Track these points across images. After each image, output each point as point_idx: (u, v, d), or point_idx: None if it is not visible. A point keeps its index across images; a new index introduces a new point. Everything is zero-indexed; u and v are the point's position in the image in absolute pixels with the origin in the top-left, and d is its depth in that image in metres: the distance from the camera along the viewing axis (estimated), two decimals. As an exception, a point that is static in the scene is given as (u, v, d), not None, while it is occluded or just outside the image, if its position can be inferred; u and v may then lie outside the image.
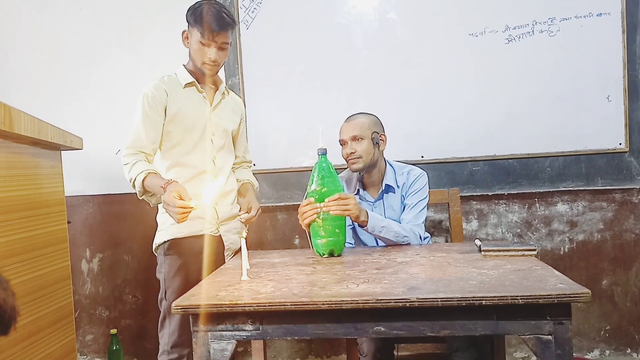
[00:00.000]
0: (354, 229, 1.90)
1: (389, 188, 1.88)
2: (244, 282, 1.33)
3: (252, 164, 2.10)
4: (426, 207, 1.87)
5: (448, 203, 2.12)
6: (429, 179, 1.91)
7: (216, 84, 1.87)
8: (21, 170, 1.59)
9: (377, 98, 2.44)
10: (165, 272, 1.78)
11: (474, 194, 2.43)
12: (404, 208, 1.87)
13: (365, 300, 1.10)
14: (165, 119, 1.76)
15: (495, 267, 1.34)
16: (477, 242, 1.62)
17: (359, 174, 1.86)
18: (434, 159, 2.43)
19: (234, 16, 1.80)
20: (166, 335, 1.76)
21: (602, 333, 2.43)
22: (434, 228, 2.47)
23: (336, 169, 1.67)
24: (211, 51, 1.71)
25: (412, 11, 2.42)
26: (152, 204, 1.76)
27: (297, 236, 2.56)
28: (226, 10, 1.73)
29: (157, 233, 1.82)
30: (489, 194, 2.43)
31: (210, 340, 1.17)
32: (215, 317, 1.17)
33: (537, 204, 2.43)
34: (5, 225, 1.49)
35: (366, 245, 1.90)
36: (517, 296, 1.07)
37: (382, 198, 1.89)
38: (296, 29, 2.49)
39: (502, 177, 2.42)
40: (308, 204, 1.59)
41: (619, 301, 2.42)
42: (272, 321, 1.16)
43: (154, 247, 1.82)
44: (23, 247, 1.56)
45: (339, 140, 1.87)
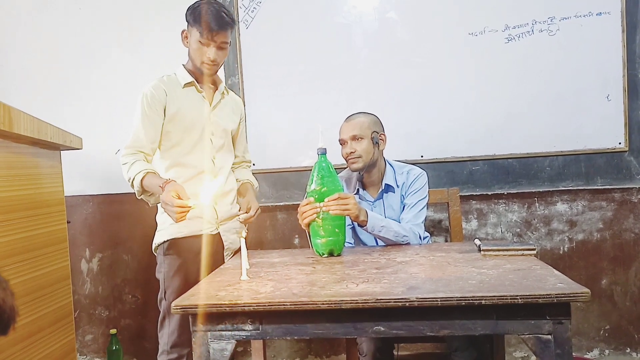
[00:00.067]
0: (354, 229, 1.90)
1: (389, 188, 1.88)
2: (244, 282, 1.33)
3: (252, 164, 2.10)
4: (426, 207, 1.87)
5: (447, 203, 2.13)
6: (429, 179, 1.91)
7: (215, 84, 1.87)
8: (21, 170, 1.59)
9: (377, 98, 2.44)
10: (164, 272, 1.78)
11: (474, 194, 2.43)
12: (404, 208, 1.87)
13: (364, 300, 1.10)
14: (164, 119, 1.75)
15: (494, 267, 1.34)
16: (477, 242, 1.62)
17: (359, 174, 1.86)
18: (434, 159, 2.43)
19: (234, 16, 1.80)
20: (166, 335, 1.76)
21: (602, 332, 2.44)
22: (434, 228, 2.47)
23: (336, 169, 1.67)
24: (210, 51, 1.71)
25: (412, 11, 2.42)
26: (151, 204, 1.76)
27: (297, 236, 2.56)
28: (225, 9, 1.72)
29: (157, 233, 1.82)
30: (489, 194, 2.43)
31: (209, 340, 1.17)
32: (214, 317, 1.16)
33: (537, 204, 2.43)
34: (4, 225, 1.49)
35: (366, 245, 1.90)
36: (517, 296, 1.07)
37: (382, 198, 1.89)
38: (296, 29, 2.49)
39: (502, 177, 2.42)
40: (308, 204, 1.59)
41: (619, 301, 2.42)
42: (272, 321, 1.16)
43: (154, 247, 1.82)
44: (23, 247, 1.56)
45: (339, 139, 1.87)
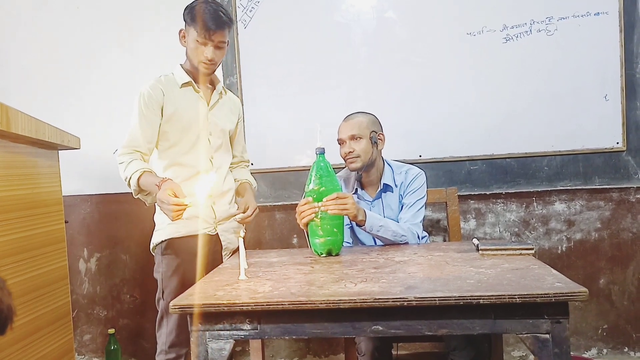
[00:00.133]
0: (352, 228, 1.90)
1: (387, 187, 1.88)
2: (242, 282, 1.32)
3: (250, 164, 2.10)
4: (424, 207, 1.87)
5: (446, 202, 2.13)
6: (427, 178, 1.91)
7: (213, 84, 1.86)
8: (19, 169, 1.59)
9: (376, 97, 2.44)
10: (162, 272, 1.77)
11: (472, 193, 2.44)
12: (402, 207, 1.87)
13: (363, 299, 1.10)
14: (161, 119, 1.75)
15: (492, 266, 1.35)
16: (475, 241, 1.62)
17: (357, 173, 1.86)
18: (432, 158, 2.44)
19: (231, 15, 1.79)
20: (164, 334, 1.75)
21: (600, 332, 2.44)
22: (432, 227, 2.47)
23: (334, 168, 1.67)
24: (208, 50, 1.71)
25: (410, 10, 2.42)
26: (148, 203, 1.75)
27: (295, 235, 2.56)
28: (223, 9, 1.72)
29: (155, 233, 1.82)
30: (487, 193, 2.44)
31: (208, 339, 1.17)
32: (213, 317, 1.16)
33: (535, 203, 2.43)
34: (2, 224, 1.49)
35: (364, 244, 1.90)
36: (515, 295, 1.08)
37: (380, 197, 1.89)
38: (294, 28, 2.48)
39: (500, 177, 2.42)
40: (306, 204, 1.59)
41: (617, 300, 2.42)
42: (270, 320, 1.16)
43: (152, 247, 1.82)
44: (20, 247, 1.56)
45: (337, 139, 1.87)
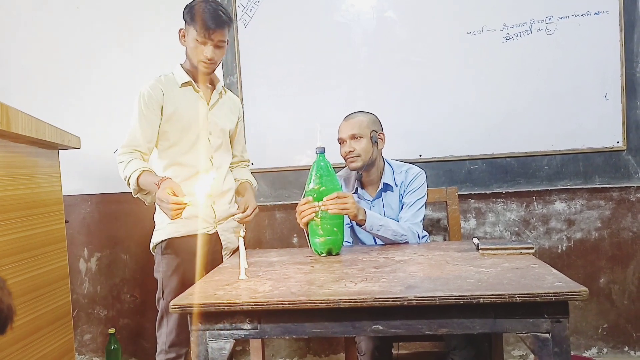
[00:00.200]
0: (352, 228, 1.90)
1: (387, 187, 1.88)
2: (242, 281, 1.32)
3: (250, 163, 2.10)
4: (424, 206, 1.87)
5: (446, 202, 2.13)
6: (427, 178, 1.91)
7: (213, 83, 1.86)
8: (19, 169, 1.59)
9: (376, 96, 2.44)
10: (162, 272, 1.77)
11: (472, 193, 2.44)
12: (402, 207, 1.87)
13: (363, 298, 1.10)
14: (161, 119, 1.75)
15: (493, 266, 1.35)
16: (475, 241, 1.62)
17: (358, 173, 1.86)
18: (432, 158, 2.43)
19: (231, 14, 1.79)
20: (164, 334, 1.75)
21: (600, 331, 2.44)
22: (432, 227, 2.47)
23: (334, 168, 1.67)
24: (207, 49, 1.71)
25: (410, 10, 2.42)
26: (147, 203, 1.75)
27: (295, 235, 2.56)
28: (223, 8, 1.72)
29: (155, 232, 1.82)
30: (487, 193, 2.44)
31: (208, 339, 1.17)
32: (213, 316, 1.16)
33: (535, 203, 2.43)
34: (2, 224, 1.49)
35: (364, 244, 1.90)
36: (515, 294, 1.07)
37: (381, 197, 1.89)
38: (294, 28, 2.48)
39: (500, 176, 2.42)
40: (306, 203, 1.59)
41: (617, 299, 2.42)
42: (270, 320, 1.16)
43: (152, 247, 1.82)
44: (21, 247, 1.56)
45: (338, 138, 1.87)
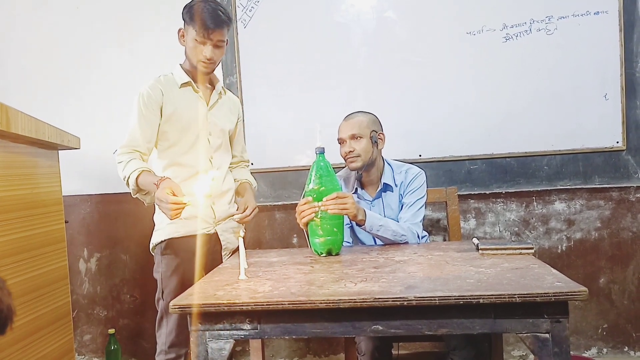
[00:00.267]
0: (352, 228, 1.90)
1: (387, 187, 1.88)
2: (242, 282, 1.32)
3: (250, 163, 2.10)
4: (424, 206, 1.87)
5: (446, 202, 2.13)
6: (427, 178, 1.91)
7: (213, 83, 1.86)
8: (19, 169, 1.59)
9: (376, 97, 2.44)
10: (162, 272, 1.77)
11: (472, 193, 2.43)
12: (402, 207, 1.87)
13: (363, 299, 1.10)
14: (161, 119, 1.75)
15: (492, 266, 1.35)
16: (475, 241, 1.62)
17: (357, 173, 1.86)
18: (432, 158, 2.43)
19: (230, 14, 1.79)
20: (163, 334, 1.75)
21: (600, 331, 2.44)
22: (432, 227, 2.47)
23: (334, 168, 1.67)
24: (207, 49, 1.71)
25: (410, 10, 2.42)
26: (147, 203, 1.75)
27: (295, 235, 2.56)
28: (222, 8, 1.72)
29: (154, 232, 1.82)
30: (487, 193, 2.44)
31: (208, 339, 1.17)
32: (213, 316, 1.16)
33: (535, 203, 2.43)
34: (2, 224, 1.49)
35: (364, 244, 1.90)
36: (515, 294, 1.07)
37: (380, 197, 1.89)
38: (294, 28, 2.48)
39: (500, 176, 2.42)
40: (306, 203, 1.59)
41: (616, 299, 2.42)
42: (270, 320, 1.16)
43: (151, 247, 1.82)
44: (20, 247, 1.56)
45: (338, 138, 1.87)
